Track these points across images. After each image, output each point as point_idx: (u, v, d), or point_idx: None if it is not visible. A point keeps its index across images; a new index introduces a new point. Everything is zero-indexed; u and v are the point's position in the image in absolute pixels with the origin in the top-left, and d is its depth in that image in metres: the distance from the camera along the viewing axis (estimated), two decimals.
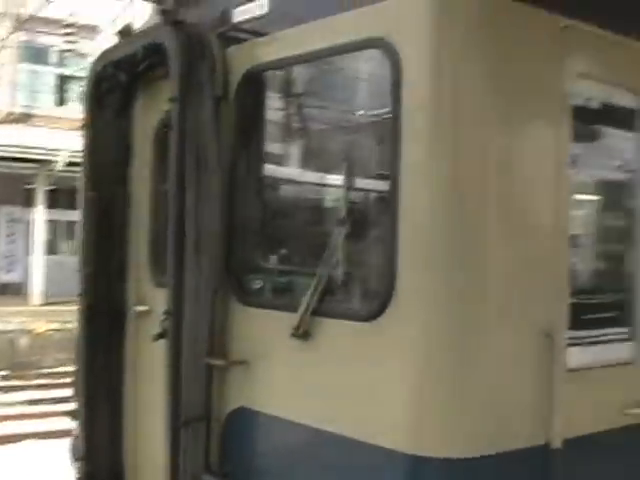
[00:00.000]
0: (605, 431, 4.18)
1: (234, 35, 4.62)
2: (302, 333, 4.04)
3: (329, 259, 3.99)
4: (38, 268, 26.14)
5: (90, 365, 5.68)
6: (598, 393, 4.20)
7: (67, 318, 21.58)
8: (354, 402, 3.87)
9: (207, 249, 4.52)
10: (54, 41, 28.88)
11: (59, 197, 27.31)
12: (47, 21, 26.78)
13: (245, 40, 4.58)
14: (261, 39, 4.46)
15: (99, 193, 5.64)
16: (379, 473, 3.77)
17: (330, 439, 3.97)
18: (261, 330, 4.45)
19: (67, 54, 28.54)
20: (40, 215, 25.92)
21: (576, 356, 4.02)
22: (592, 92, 4.16)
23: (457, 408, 3.64)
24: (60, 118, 27.09)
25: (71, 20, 25.40)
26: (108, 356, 5.75)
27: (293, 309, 4.14)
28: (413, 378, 3.66)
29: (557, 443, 3.85)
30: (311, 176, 4.95)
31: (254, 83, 4.64)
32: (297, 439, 4.26)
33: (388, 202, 3.73)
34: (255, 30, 4.49)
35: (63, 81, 30.75)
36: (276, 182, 5.05)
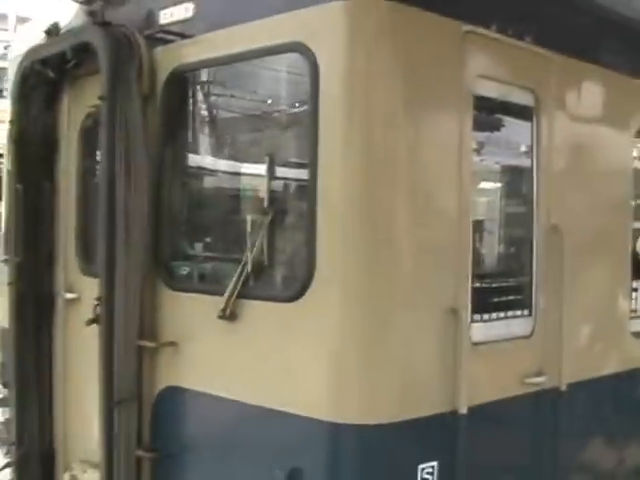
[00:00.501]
0: (507, 398, 4.66)
1: (160, 36, 4.89)
2: (229, 315, 4.38)
3: (253, 245, 4.34)
4: None
5: (21, 352, 5.91)
6: (500, 364, 4.67)
7: None
8: (279, 376, 4.24)
9: (136, 238, 4.80)
10: None
11: None
12: None
13: (171, 41, 4.86)
14: (187, 41, 4.76)
15: (26, 185, 5.85)
16: (303, 440, 4.14)
17: (256, 411, 4.34)
18: (189, 313, 4.78)
19: None
20: None
21: (480, 331, 4.48)
22: (492, 90, 4.58)
23: (372, 379, 4.05)
24: None
25: None
26: (38, 342, 5.99)
27: (219, 293, 4.49)
28: (331, 352, 4.04)
29: (463, 410, 4.28)
30: (233, 168, 5.29)
31: (179, 82, 4.93)
32: (224, 413, 4.60)
33: (307, 192, 4.11)
34: (180, 32, 4.78)
35: None
36: (200, 174, 5.37)
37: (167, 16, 4.89)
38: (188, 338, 4.76)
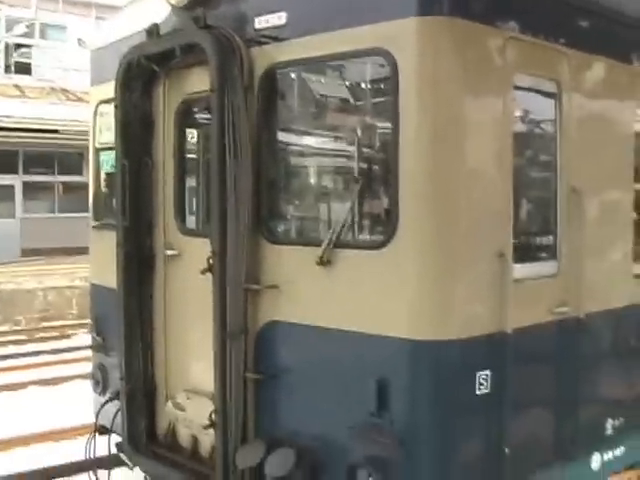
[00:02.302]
0: (540, 323, 6.21)
1: (255, 38, 6.30)
2: (326, 261, 5.84)
3: (346, 206, 5.80)
4: None
5: (127, 301, 7.38)
6: (534, 297, 6.20)
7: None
8: (369, 306, 5.72)
9: (243, 203, 6.25)
10: None
11: None
12: None
13: (265, 43, 6.26)
14: (280, 43, 6.17)
15: (129, 161, 7.28)
16: (390, 355, 5.63)
17: (348, 335, 5.82)
18: (286, 261, 6.24)
19: None
20: None
21: (519, 271, 5.96)
22: (527, 81, 6.06)
23: (442, 306, 5.57)
24: None
25: None
26: (140, 293, 7.46)
27: (314, 244, 5.96)
28: (413, 286, 5.55)
29: (509, 330, 5.80)
30: (319, 145, 6.74)
31: (274, 77, 6.37)
32: (320, 339, 6.07)
33: (391, 163, 5.58)
34: (274, 36, 6.19)
35: None
36: (291, 150, 6.83)
37: (262, 22, 6.30)
38: (287, 281, 6.22)
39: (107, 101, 8.23)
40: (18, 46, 34.37)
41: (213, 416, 6.49)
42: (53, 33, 35.36)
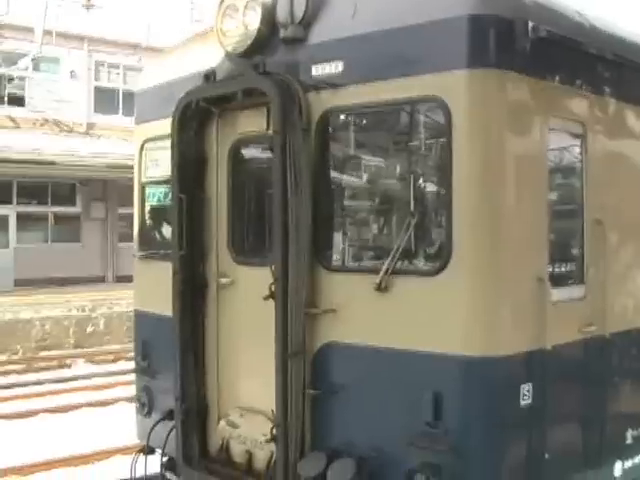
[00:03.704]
0: (573, 341, 6.95)
1: (312, 84, 7.04)
2: (383, 287, 6.56)
3: (403, 238, 6.52)
4: None
5: (182, 325, 8.02)
6: (567, 317, 6.95)
7: None
8: (425, 326, 6.44)
9: (302, 233, 6.98)
10: None
11: None
12: None
13: (321, 88, 7.00)
14: (336, 89, 6.92)
15: (186, 195, 7.95)
16: (444, 370, 6.34)
17: (402, 353, 6.55)
18: (343, 287, 6.95)
19: None
20: None
21: (555, 293, 6.70)
22: (559, 124, 6.86)
23: (493, 324, 6.32)
24: None
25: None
26: (195, 318, 8.11)
27: (369, 271, 6.68)
28: (466, 308, 6.31)
29: (548, 347, 6.57)
30: (372, 181, 7.48)
31: (330, 119, 7.12)
32: (374, 357, 6.79)
33: (443, 197, 6.34)
34: (331, 82, 6.93)
35: None
36: (348, 186, 7.55)
37: (319, 70, 7.06)
38: (343, 305, 6.94)
39: (153, 139, 8.96)
40: (11, 78, 35.23)
41: (274, 431, 7.15)
42: (46, 65, 36.31)
